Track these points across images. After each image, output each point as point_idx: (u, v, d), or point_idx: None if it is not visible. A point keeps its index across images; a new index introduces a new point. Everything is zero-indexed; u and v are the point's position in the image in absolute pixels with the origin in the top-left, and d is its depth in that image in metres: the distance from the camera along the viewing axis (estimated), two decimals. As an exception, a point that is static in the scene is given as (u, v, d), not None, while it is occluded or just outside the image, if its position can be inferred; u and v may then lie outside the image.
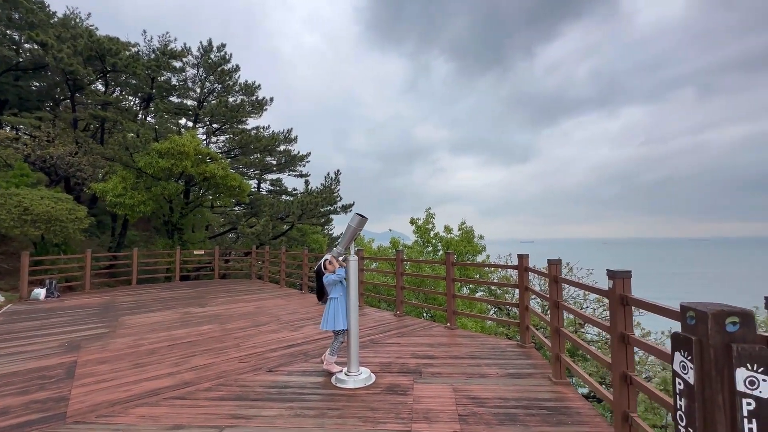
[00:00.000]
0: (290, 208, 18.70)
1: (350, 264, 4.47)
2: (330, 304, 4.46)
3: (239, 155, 21.45)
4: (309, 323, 7.26)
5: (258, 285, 13.02)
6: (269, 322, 7.37)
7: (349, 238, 4.46)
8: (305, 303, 9.48)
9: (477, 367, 4.74)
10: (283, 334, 6.51)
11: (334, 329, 4.38)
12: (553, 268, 4.29)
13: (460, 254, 14.97)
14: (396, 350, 5.50)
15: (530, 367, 4.70)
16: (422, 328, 6.76)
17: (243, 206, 23.67)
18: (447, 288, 6.77)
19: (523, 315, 5.57)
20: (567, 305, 4.01)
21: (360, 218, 4.39)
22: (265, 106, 21.38)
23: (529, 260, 5.64)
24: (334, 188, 20.38)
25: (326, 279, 4.47)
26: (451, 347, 5.61)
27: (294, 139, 22.39)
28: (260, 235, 17.29)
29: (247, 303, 9.54)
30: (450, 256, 6.75)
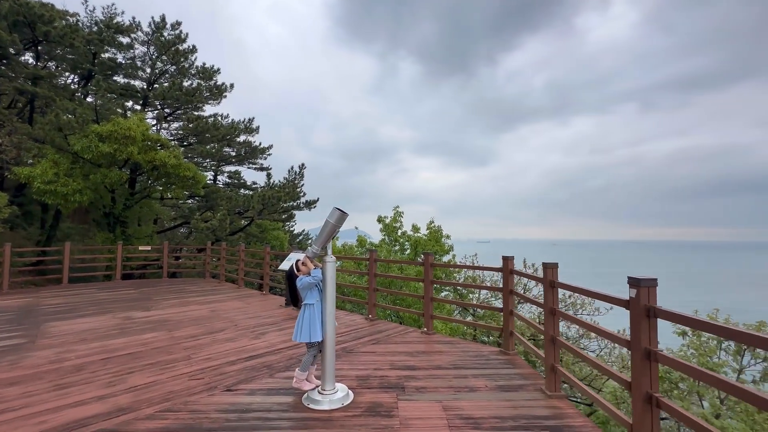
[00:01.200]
0: (250, 202, 17.55)
1: (327, 266, 3.89)
2: (304, 312, 3.85)
3: (194, 144, 19.85)
4: (272, 329, 6.54)
5: (213, 285, 11.95)
6: (226, 329, 6.56)
7: (327, 236, 3.87)
8: (267, 305, 8.70)
9: (464, 378, 4.34)
10: (242, 342, 5.77)
11: (309, 341, 3.77)
12: (549, 272, 3.97)
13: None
14: (373, 360, 4.97)
15: (519, 377, 4.37)
16: (398, 333, 6.29)
17: (197, 199, 22.00)
18: (425, 290, 6.35)
19: (507, 320, 5.26)
20: (569, 314, 3.69)
21: (340, 213, 3.82)
22: (224, 93, 19.93)
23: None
24: (297, 183, 19.44)
25: (300, 282, 3.85)
26: (431, 356, 5.18)
27: (255, 130, 21.11)
28: (216, 230, 16.04)
29: (200, 306, 8.58)
30: (429, 257, 6.33)
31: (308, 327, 3.77)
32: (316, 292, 3.89)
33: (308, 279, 3.82)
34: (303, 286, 3.84)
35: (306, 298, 3.88)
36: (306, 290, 3.87)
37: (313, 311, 3.81)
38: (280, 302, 9.05)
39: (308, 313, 3.82)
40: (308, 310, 3.84)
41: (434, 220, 15.85)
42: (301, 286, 3.86)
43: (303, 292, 3.91)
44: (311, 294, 3.87)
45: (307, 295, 3.88)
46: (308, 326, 3.78)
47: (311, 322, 3.78)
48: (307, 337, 3.76)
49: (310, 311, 3.82)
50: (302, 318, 3.84)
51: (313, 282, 3.82)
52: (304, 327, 3.79)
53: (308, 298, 3.87)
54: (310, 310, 3.82)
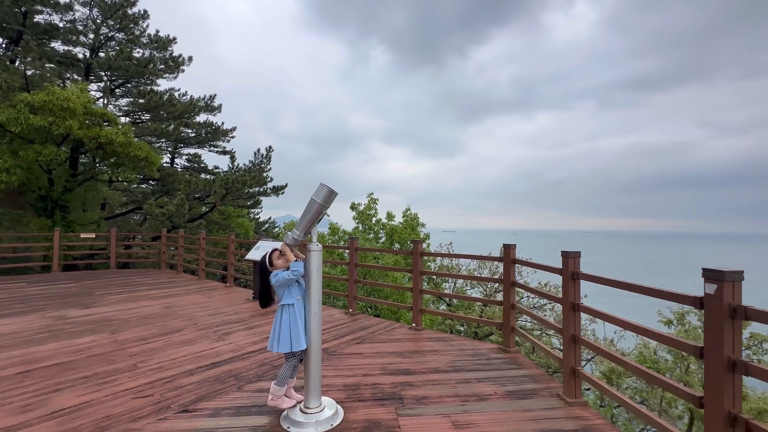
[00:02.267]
0: (212, 186, 16.17)
1: (312, 255, 3.14)
2: (282, 315, 3.09)
3: (148, 122, 17.98)
4: (239, 328, 5.70)
5: (169, 276, 10.75)
6: (183, 329, 5.64)
7: (312, 218, 3.11)
8: (232, 299, 7.77)
9: (468, 384, 3.78)
10: (203, 345, 4.90)
11: (290, 350, 3.03)
12: (570, 262, 3.45)
13: (404, 242, 14.19)
14: (360, 364, 4.31)
15: (529, 380, 3.88)
16: (384, 330, 5.66)
17: (152, 183, 20.16)
18: (414, 282, 5.73)
19: (508, 315, 4.76)
20: (601, 311, 3.19)
21: (328, 191, 3.07)
22: (181, 66, 18.11)
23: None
24: (264, 167, 18.21)
25: (276, 278, 3.08)
26: (425, 356, 4.59)
27: (218, 108, 19.47)
28: (173, 216, 14.63)
29: (152, 301, 7.51)
30: (418, 245, 5.71)
31: (287, 333, 3.02)
32: (296, 290, 3.13)
33: (286, 274, 3.05)
34: (279, 283, 3.07)
35: (283, 297, 3.12)
36: (282, 288, 3.11)
37: (293, 314, 3.05)
38: (246, 295, 8.14)
39: (286, 316, 3.06)
40: (286, 312, 3.07)
41: (401, 209, 15.31)
42: (276, 283, 3.08)
43: (279, 291, 3.14)
44: (290, 292, 3.11)
45: (284, 294, 3.12)
46: (287, 332, 3.02)
47: (291, 327, 3.02)
48: (287, 346, 3.01)
49: (288, 314, 3.06)
50: (279, 322, 3.08)
51: (292, 278, 3.06)
52: (283, 334, 3.03)
53: (286, 297, 3.11)
54: (289, 313, 3.06)
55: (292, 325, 3.02)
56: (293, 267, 3.07)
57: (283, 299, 3.11)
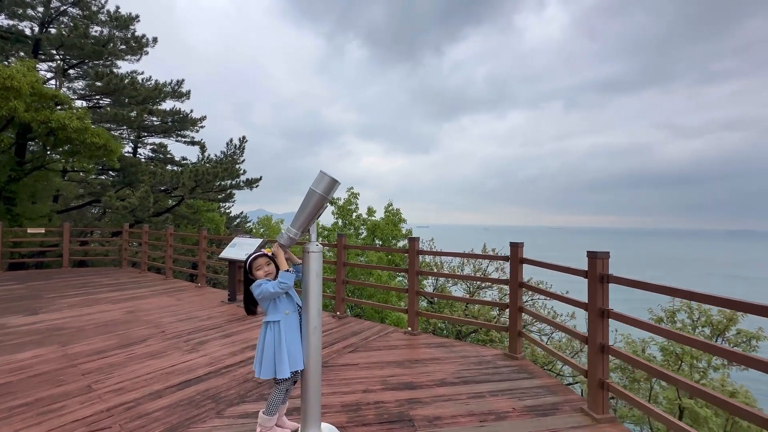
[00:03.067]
0: (179, 178, 15.06)
1: (311, 258, 2.62)
2: (265, 334, 2.53)
3: (108, 107, 16.51)
4: (214, 336, 5.07)
5: (131, 276, 9.80)
6: (149, 338, 4.95)
7: (311, 213, 2.58)
8: (204, 301, 7.06)
9: (481, 399, 3.39)
10: (172, 358, 4.26)
11: (274, 376, 2.49)
12: (598, 263, 3.11)
13: (386, 239, 13.76)
14: (358, 377, 3.83)
15: (546, 392, 3.54)
16: (377, 335, 5.19)
17: (112, 173, 18.66)
18: (410, 283, 5.29)
19: (515, 319, 4.41)
20: (631, 317, 2.86)
21: (330, 181, 2.56)
22: (145, 48, 16.74)
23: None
24: (237, 158, 17.21)
25: (259, 290, 2.51)
26: (427, 365, 4.17)
27: (186, 95, 18.20)
28: (136, 210, 13.50)
29: (112, 305, 6.69)
30: (414, 242, 5.27)
31: (270, 357, 2.46)
32: (284, 303, 2.58)
33: (271, 286, 2.48)
34: (263, 295, 2.51)
35: (269, 312, 2.57)
36: (266, 301, 2.56)
37: (278, 333, 2.49)
38: (220, 297, 7.45)
39: (270, 335, 2.50)
40: (270, 331, 2.51)
41: (376, 204, 14.88)
42: (259, 295, 2.52)
43: (262, 304, 2.60)
44: (275, 307, 2.56)
45: (269, 307, 2.57)
46: (270, 356, 2.46)
47: (275, 349, 2.48)
48: (270, 371, 2.46)
49: (273, 333, 2.50)
50: (262, 343, 2.52)
51: (279, 291, 2.49)
52: (266, 357, 2.47)
53: (271, 312, 2.55)
54: (273, 332, 2.50)
55: (276, 346, 2.48)
56: (282, 278, 2.52)
57: (268, 314, 2.56)
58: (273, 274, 2.62)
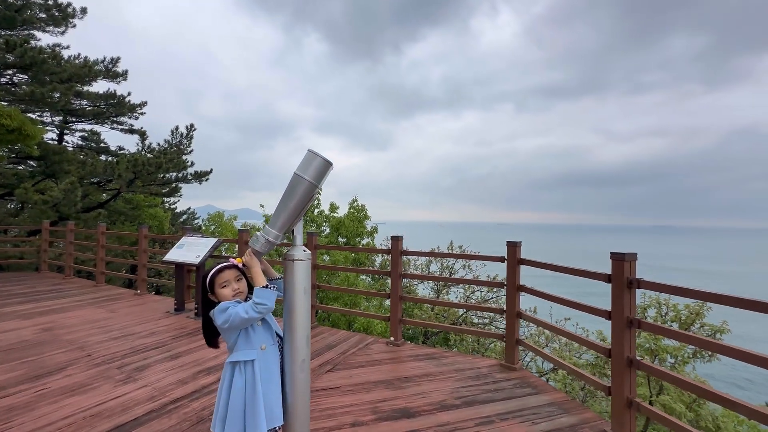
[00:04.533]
0: (115, 169, 13.27)
1: (296, 268, 1.94)
2: (233, 380, 1.79)
3: (23, 84, 14.15)
4: (157, 357, 4.16)
5: (52, 282, 8.30)
6: (69, 365, 3.93)
7: (297, 206, 1.90)
8: (145, 312, 5.99)
9: (490, 424, 2.90)
10: (100, 393, 3.34)
11: None
12: (626, 266, 2.72)
13: (351, 237, 13.08)
14: (342, 405, 3.19)
15: (558, 410, 3.13)
16: (356, 348, 4.56)
17: (32, 163, 16.15)
18: (392, 287, 4.71)
19: (512, 325, 4.00)
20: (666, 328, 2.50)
21: (322, 163, 1.89)
22: (70, 18, 14.58)
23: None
24: (184, 148, 15.60)
25: (224, 317, 1.76)
26: (420, 383, 3.62)
27: (122, 75, 16.15)
28: (60, 204, 11.67)
29: (23, 320, 5.44)
30: (398, 241, 4.70)
31: (240, 412, 1.75)
32: (261, 332, 1.88)
33: (243, 310, 1.76)
34: (232, 324, 1.76)
35: (238, 347, 1.83)
36: (234, 333, 1.83)
37: (251, 378, 1.78)
38: (165, 306, 6.40)
39: (240, 381, 1.78)
40: (239, 375, 1.78)
41: (356, 199, 14.20)
42: (225, 324, 1.77)
43: (228, 336, 1.86)
44: (248, 339, 1.83)
45: (238, 341, 1.84)
46: (241, 410, 1.75)
47: (252, 399, 1.75)
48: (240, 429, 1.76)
49: (245, 377, 1.78)
50: (226, 392, 1.79)
51: (254, 317, 1.77)
52: (233, 412, 1.74)
53: (242, 347, 1.83)
54: (246, 375, 1.79)
55: (249, 397, 1.76)
56: (259, 297, 1.79)
57: (236, 351, 1.83)
58: (244, 294, 1.91)
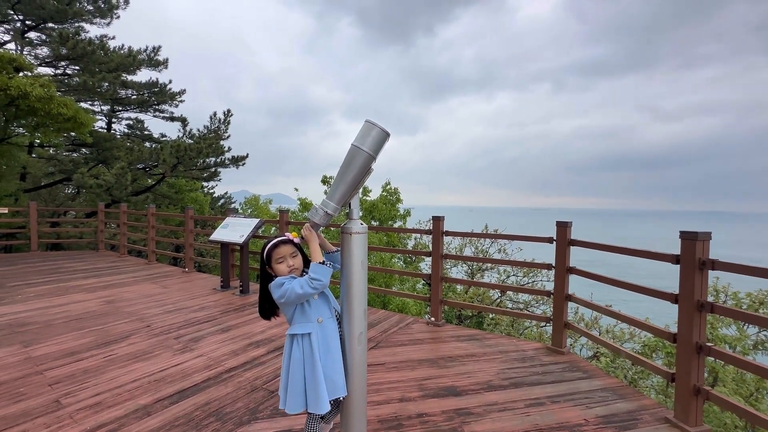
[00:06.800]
0: (159, 155, 13.93)
1: (353, 242, 1.94)
2: (292, 352, 1.84)
3: (75, 75, 14.99)
4: (210, 330, 4.38)
5: (110, 260, 8.91)
6: (132, 334, 4.22)
7: (355, 179, 1.88)
8: (194, 289, 6.32)
9: (542, 407, 2.84)
10: (162, 360, 3.57)
11: (305, 410, 1.80)
12: (698, 246, 2.52)
13: (385, 219, 13.11)
14: (389, 380, 3.23)
15: (613, 395, 3.01)
16: (397, 327, 4.59)
17: (85, 150, 17.23)
18: (433, 267, 4.68)
19: (560, 308, 3.87)
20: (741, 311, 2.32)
21: (380, 133, 1.85)
22: (115, 10, 15.20)
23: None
24: (222, 134, 16.07)
25: (282, 291, 1.79)
26: (465, 363, 3.60)
27: (163, 63, 16.73)
28: (112, 188, 12.43)
29: (88, 294, 5.89)
30: (439, 222, 4.63)
31: (300, 384, 1.79)
32: (317, 307, 1.88)
33: (298, 285, 1.77)
34: (288, 299, 1.79)
35: (295, 320, 1.87)
36: (292, 307, 1.86)
37: (309, 351, 1.81)
38: (212, 283, 6.71)
39: (298, 353, 1.82)
40: (298, 348, 1.83)
41: (389, 182, 14.14)
42: (283, 299, 1.80)
43: (286, 310, 1.89)
44: (304, 313, 1.86)
45: (295, 315, 1.87)
46: (300, 383, 1.79)
47: (311, 371, 1.79)
48: (299, 404, 1.79)
49: (303, 350, 1.82)
50: (288, 365, 1.84)
51: (310, 292, 1.78)
52: (293, 384, 1.80)
53: (299, 321, 1.86)
54: (304, 348, 1.82)
55: (308, 369, 1.79)
56: (315, 273, 1.79)
57: (293, 324, 1.88)
58: (299, 269, 1.93)
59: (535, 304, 10.48)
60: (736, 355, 2.52)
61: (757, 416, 2.31)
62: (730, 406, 2.44)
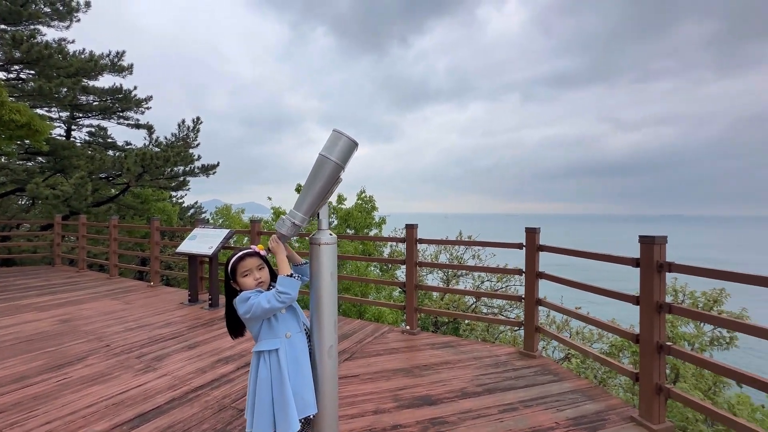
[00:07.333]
0: (124, 163, 13.33)
1: (322, 253, 1.90)
2: (259, 370, 1.76)
3: (31, 80, 14.17)
4: (175, 347, 4.17)
5: (67, 275, 8.39)
6: (89, 354, 3.96)
7: (323, 189, 1.85)
8: (160, 304, 6.03)
9: (515, 412, 2.87)
10: (122, 381, 3.36)
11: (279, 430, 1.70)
12: (656, 249, 2.64)
13: (360, 228, 13.06)
14: (363, 392, 3.17)
15: (582, 397, 3.09)
16: (372, 337, 4.54)
17: (41, 159, 16.25)
18: (407, 275, 4.67)
19: (531, 313, 3.94)
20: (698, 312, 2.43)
21: (348, 143, 1.84)
22: (75, 12, 14.53)
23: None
24: (191, 141, 15.60)
25: (247, 306, 1.72)
26: (440, 371, 3.60)
27: (128, 69, 16.09)
28: (71, 199, 11.76)
29: (41, 312, 5.50)
30: (412, 230, 4.64)
31: (268, 404, 1.70)
32: (286, 319, 1.82)
33: (265, 300, 1.70)
34: (254, 314, 1.71)
35: (262, 336, 1.79)
36: (258, 322, 1.78)
37: (277, 368, 1.73)
38: (179, 297, 6.43)
39: (265, 371, 1.73)
40: (265, 365, 1.74)
41: (365, 190, 14.13)
42: (248, 314, 1.72)
43: (252, 326, 1.81)
44: (271, 328, 1.78)
45: (261, 330, 1.79)
46: (268, 403, 1.70)
47: (279, 389, 1.71)
48: (268, 424, 1.69)
49: (270, 367, 1.73)
50: (254, 383, 1.76)
51: (278, 306, 1.71)
52: (260, 404, 1.71)
53: (266, 337, 1.78)
54: (271, 365, 1.74)
55: (276, 390, 1.71)
56: (282, 286, 1.72)
57: (260, 341, 1.79)
58: (266, 283, 1.86)
59: (509, 308, 10.70)
60: (693, 353, 2.64)
61: (713, 411, 2.43)
62: (689, 402, 2.55)
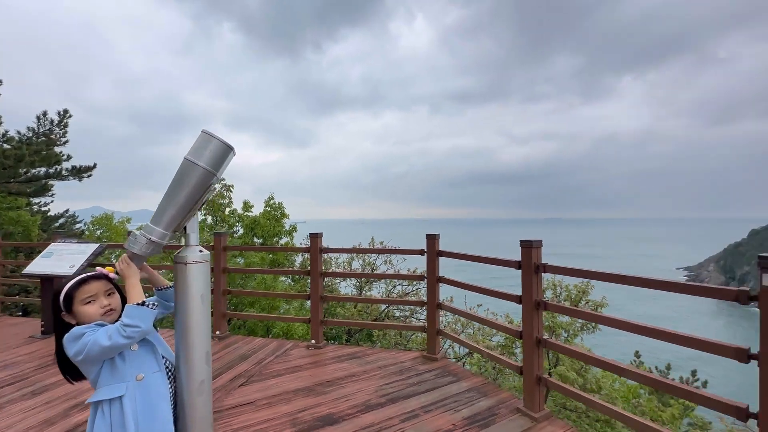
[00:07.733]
0: (-45, 163, 10.58)
1: (189, 273, 1.63)
2: (96, 422, 1.39)
3: None
4: (15, 394, 3.32)
5: None
6: None
7: (189, 198, 1.58)
8: (2, 338, 4.81)
9: (416, 419, 2.87)
10: None
11: None
12: (533, 253, 2.90)
13: (268, 237, 12.33)
14: (257, 421, 2.87)
15: (477, 394, 3.24)
16: (274, 355, 4.21)
17: None
18: (312, 287, 4.46)
19: (433, 317, 4.06)
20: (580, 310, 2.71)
21: (219, 146, 1.61)
22: None
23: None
24: (56, 138, 13.13)
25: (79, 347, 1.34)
26: (344, 385, 3.46)
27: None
28: None
29: None
30: (316, 239, 4.45)
31: None
32: (136, 359, 1.47)
33: (104, 336, 1.35)
34: (88, 355, 1.35)
35: (101, 382, 1.42)
36: (96, 365, 1.42)
37: (122, 418, 1.38)
38: (29, 329, 5.23)
39: (105, 425, 1.38)
40: (104, 418, 1.38)
41: (273, 196, 13.43)
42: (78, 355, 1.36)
43: (88, 369, 1.44)
44: (113, 371, 1.43)
45: (101, 374, 1.42)
46: None
47: None
48: None
49: (111, 420, 1.38)
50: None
51: (122, 343, 1.37)
52: None
53: (106, 382, 1.42)
54: (112, 416, 1.38)
55: None
56: (130, 317, 1.39)
57: (99, 388, 1.42)
58: (117, 311, 1.53)
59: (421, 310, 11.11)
60: (565, 345, 2.98)
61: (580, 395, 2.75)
62: (565, 391, 2.84)
